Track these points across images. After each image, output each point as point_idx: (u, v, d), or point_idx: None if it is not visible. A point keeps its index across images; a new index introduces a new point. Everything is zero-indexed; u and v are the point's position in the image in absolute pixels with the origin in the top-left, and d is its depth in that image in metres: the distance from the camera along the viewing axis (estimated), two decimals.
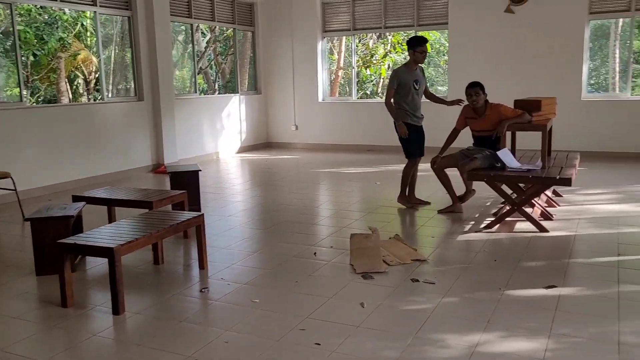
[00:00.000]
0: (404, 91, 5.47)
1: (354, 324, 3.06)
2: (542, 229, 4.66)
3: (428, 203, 5.69)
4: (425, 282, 3.65)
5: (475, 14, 9.01)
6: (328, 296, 3.47)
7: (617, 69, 13.08)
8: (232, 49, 11.95)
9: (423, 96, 5.65)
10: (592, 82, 9.92)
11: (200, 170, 5.71)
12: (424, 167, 5.84)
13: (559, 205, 5.52)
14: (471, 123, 5.30)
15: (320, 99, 10.66)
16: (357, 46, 11.72)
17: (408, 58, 5.51)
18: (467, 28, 9.11)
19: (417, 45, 5.36)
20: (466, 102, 5.30)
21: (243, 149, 10.55)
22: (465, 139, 5.54)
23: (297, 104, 10.79)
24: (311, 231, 5.04)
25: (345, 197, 6.44)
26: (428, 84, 5.88)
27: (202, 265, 4.02)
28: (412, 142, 5.59)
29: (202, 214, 4.02)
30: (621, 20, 11.67)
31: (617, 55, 12.99)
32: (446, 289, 3.53)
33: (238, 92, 10.55)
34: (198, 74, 11.19)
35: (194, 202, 5.41)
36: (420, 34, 8.04)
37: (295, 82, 10.71)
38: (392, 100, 5.52)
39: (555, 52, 8.54)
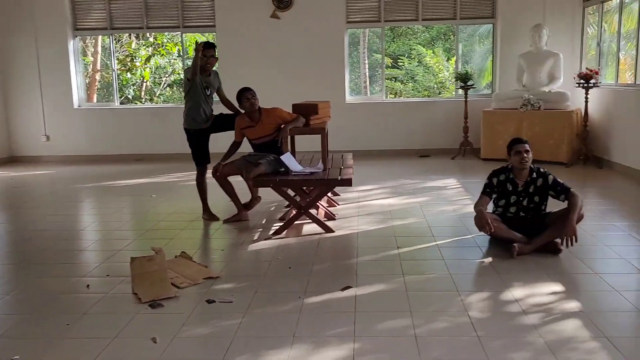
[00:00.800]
0: (195, 94, 5.11)
1: None
2: (328, 230, 4.75)
3: (217, 219, 5.35)
4: (222, 302, 3.35)
5: (242, 18, 8.98)
6: (111, 336, 2.93)
7: (367, 74, 14.58)
8: None
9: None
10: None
11: None
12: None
13: (338, 205, 5.74)
14: (249, 132, 5.15)
15: (75, 105, 9.47)
16: (115, 47, 10.73)
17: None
18: (235, 31, 9.02)
19: (202, 49, 5.04)
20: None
21: None
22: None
23: (47, 112, 9.42)
24: (80, 259, 4.32)
25: (117, 215, 5.74)
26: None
27: None
28: (200, 147, 5.29)
29: None
30: (367, 30, 13.02)
31: (366, 62, 14.46)
32: (245, 306, 3.28)
33: None
34: None
35: None
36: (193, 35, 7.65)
37: (43, 87, 9.33)
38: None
39: (321, 57, 8.99)
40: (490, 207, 4.29)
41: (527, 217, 4.17)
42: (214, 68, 5.29)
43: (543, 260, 3.89)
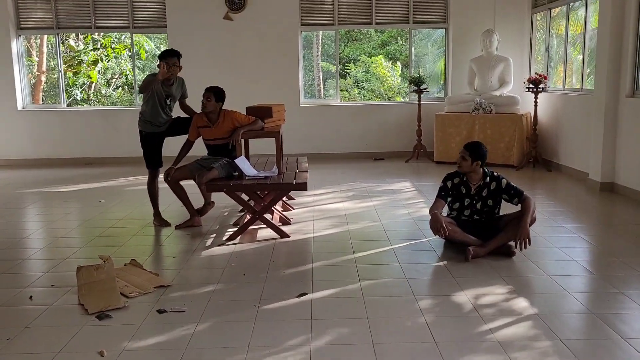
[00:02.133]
0: (155, 100, 5.02)
1: None
2: (284, 235, 4.69)
3: (169, 224, 5.19)
4: (173, 312, 3.24)
5: (194, 19, 8.80)
6: (55, 350, 2.78)
7: (321, 77, 14.59)
8: None
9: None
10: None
11: None
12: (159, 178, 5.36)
13: (293, 209, 5.68)
14: (204, 132, 5.03)
15: (20, 107, 9.06)
16: (61, 47, 10.34)
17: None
18: (187, 33, 8.83)
19: (162, 57, 4.96)
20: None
21: None
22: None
23: None
24: (22, 269, 4.10)
25: (63, 222, 5.49)
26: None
27: None
28: (152, 150, 5.15)
29: None
30: (321, 32, 13.02)
31: (319, 65, 14.46)
32: (198, 315, 3.18)
33: None
34: None
35: None
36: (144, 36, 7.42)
37: None
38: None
39: (274, 59, 8.92)
40: (445, 211, 4.32)
41: (481, 220, 4.23)
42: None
43: (497, 263, 3.94)
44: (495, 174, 4.24)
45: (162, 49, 5.09)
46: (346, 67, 14.35)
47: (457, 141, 8.15)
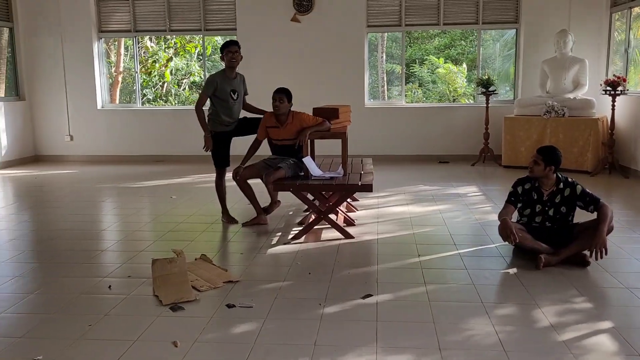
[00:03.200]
0: (221, 101, 5.14)
1: None
2: (348, 236, 4.71)
3: (236, 222, 5.34)
4: (242, 307, 3.33)
5: (263, 21, 9.00)
6: (132, 338, 2.93)
7: (385, 79, 14.50)
8: None
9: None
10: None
11: None
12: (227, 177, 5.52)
13: (357, 210, 5.70)
14: (272, 132, 5.13)
15: (99, 106, 9.57)
16: (141, 48, 10.82)
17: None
18: (255, 35, 9.04)
19: (224, 47, 5.13)
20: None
21: (3, 165, 8.93)
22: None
23: (72, 112, 9.53)
24: (101, 260, 4.34)
25: (138, 216, 5.76)
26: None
27: None
28: (219, 151, 5.28)
29: None
30: (386, 34, 12.95)
31: (384, 66, 14.39)
32: (265, 311, 3.26)
33: None
34: None
35: None
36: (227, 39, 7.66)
37: (68, 87, 9.45)
38: (203, 107, 5.17)
39: (340, 61, 8.97)
40: (514, 217, 4.21)
41: (553, 228, 4.09)
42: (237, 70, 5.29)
43: (570, 273, 3.80)
44: (569, 179, 4.09)
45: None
46: (411, 68, 14.21)
47: (527, 145, 7.91)
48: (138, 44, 10.76)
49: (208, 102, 5.25)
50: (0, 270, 4.04)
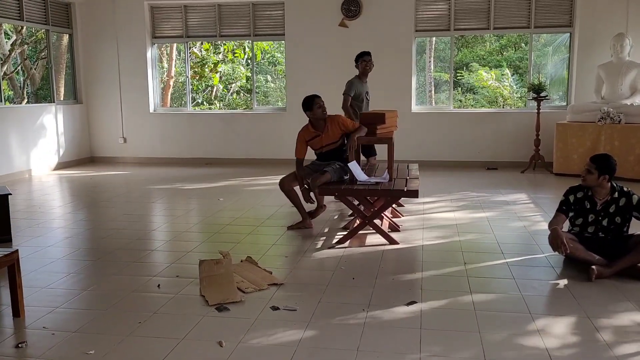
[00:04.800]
0: (358, 101, 5.91)
1: None
2: (393, 242, 4.69)
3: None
4: (286, 310, 3.37)
5: (311, 26, 9.08)
6: (179, 337, 3.01)
7: (433, 83, 14.35)
8: (43, 53, 10.58)
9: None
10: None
11: (10, 194, 4.78)
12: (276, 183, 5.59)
13: (402, 216, 5.66)
14: (314, 143, 5.17)
15: (151, 110, 9.88)
16: (190, 54, 11.10)
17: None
18: (303, 40, 9.13)
19: (360, 57, 6.07)
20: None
21: (62, 165, 9.34)
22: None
23: (125, 115, 9.88)
24: (151, 259, 4.47)
25: (186, 217, 5.91)
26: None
27: (17, 312, 3.26)
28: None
29: (16, 251, 3.27)
30: (434, 38, 12.83)
31: (432, 70, 14.24)
32: (309, 315, 3.28)
33: (54, 102, 9.31)
34: (2, 79, 9.67)
35: (4, 232, 4.56)
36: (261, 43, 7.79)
37: (123, 91, 9.80)
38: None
39: (387, 65, 8.93)
40: (566, 226, 4.09)
41: (606, 238, 3.95)
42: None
43: (625, 286, 3.66)
44: (625, 189, 3.94)
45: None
46: (458, 74, 14.01)
47: (580, 152, 7.67)
48: (189, 49, 11.04)
49: None
50: (56, 267, 4.23)
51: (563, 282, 3.77)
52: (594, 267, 3.75)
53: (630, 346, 2.86)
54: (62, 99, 9.91)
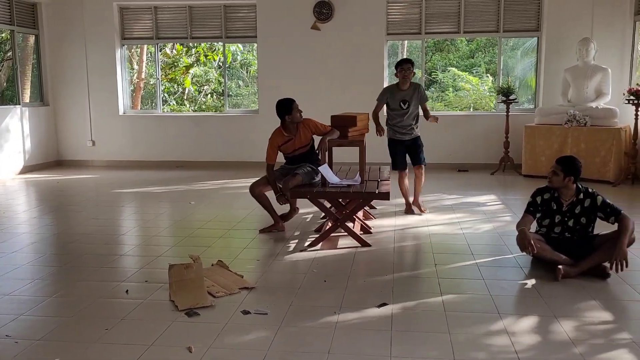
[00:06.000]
0: (392, 109, 5.77)
1: None
2: (364, 244, 4.70)
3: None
4: (257, 313, 3.34)
5: (283, 29, 9.06)
6: (147, 343, 2.95)
7: None
8: (8, 54, 10.34)
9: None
10: None
11: None
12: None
13: (374, 218, 5.68)
14: (286, 147, 5.14)
15: (121, 112, 9.72)
16: (160, 56, 10.97)
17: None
18: (276, 42, 9.11)
19: (397, 65, 5.72)
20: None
21: (28, 169, 9.11)
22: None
23: (94, 117, 9.70)
24: (120, 264, 4.39)
25: (156, 221, 5.83)
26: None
27: None
28: (394, 155, 5.89)
29: None
30: (406, 42, 12.96)
31: None
32: (280, 318, 3.26)
33: (20, 104, 9.08)
34: None
35: None
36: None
37: (91, 93, 9.62)
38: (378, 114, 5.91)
39: (360, 68, 8.98)
40: (533, 227, 4.16)
41: (573, 239, 4.03)
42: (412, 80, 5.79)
43: (590, 285, 3.74)
44: (590, 190, 4.03)
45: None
46: (433, 75, 14.16)
47: (548, 154, 7.82)
48: (160, 51, 10.91)
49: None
50: (21, 273, 4.11)
51: (531, 282, 3.83)
52: (560, 267, 3.82)
53: (594, 343, 2.92)
54: (28, 101, 9.66)
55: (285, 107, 5.02)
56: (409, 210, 5.93)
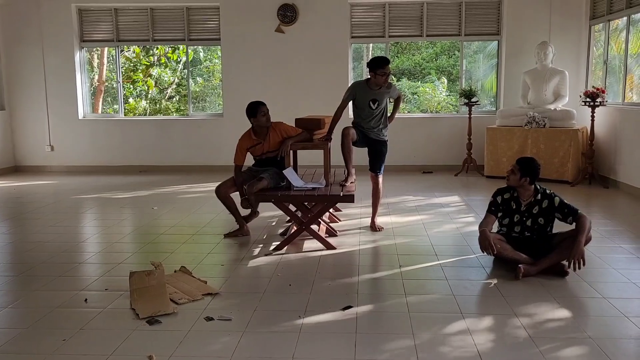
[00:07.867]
0: (358, 108, 5.17)
1: None
2: (330, 247, 4.70)
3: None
4: (220, 320, 3.29)
5: (247, 32, 8.99)
6: (107, 353, 2.88)
7: None
8: None
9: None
10: None
11: None
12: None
13: (340, 220, 5.69)
14: (255, 150, 5.11)
15: (80, 116, 9.48)
16: (121, 59, 10.76)
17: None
18: (239, 45, 9.04)
19: (374, 66, 4.96)
20: None
21: None
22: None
23: (52, 122, 9.43)
24: (78, 272, 4.26)
25: (117, 227, 5.69)
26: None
27: None
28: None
29: None
30: (370, 45, 13.04)
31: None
32: (244, 324, 3.23)
33: None
34: None
35: None
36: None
37: (49, 97, 9.35)
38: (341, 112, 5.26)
39: (324, 71, 8.99)
40: (495, 226, 4.23)
41: (532, 238, 4.11)
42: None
43: (549, 283, 3.82)
44: (547, 191, 4.12)
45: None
46: (399, 79, 14.28)
47: (509, 155, 7.97)
48: (121, 52, 10.71)
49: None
50: None
51: (493, 281, 3.89)
52: (520, 265, 3.89)
53: (552, 340, 2.98)
54: None
55: (251, 110, 4.98)
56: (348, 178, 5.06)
